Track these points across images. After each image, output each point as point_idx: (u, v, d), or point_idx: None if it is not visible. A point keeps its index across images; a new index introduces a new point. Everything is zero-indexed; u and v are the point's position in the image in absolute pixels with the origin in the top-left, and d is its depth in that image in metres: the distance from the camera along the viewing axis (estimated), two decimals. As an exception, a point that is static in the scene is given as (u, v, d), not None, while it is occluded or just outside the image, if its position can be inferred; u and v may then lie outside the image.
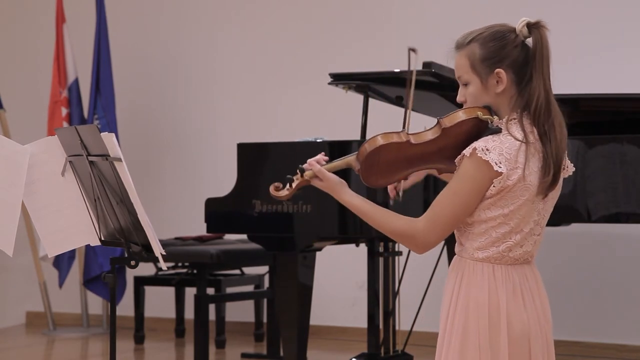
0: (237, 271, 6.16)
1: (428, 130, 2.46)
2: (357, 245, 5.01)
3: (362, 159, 2.47)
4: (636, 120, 4.27)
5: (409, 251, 4.55)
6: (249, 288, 6.22)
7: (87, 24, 6.92)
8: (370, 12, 6.46)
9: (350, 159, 2.51)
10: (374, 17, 6.44)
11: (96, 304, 6.94)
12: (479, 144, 2.35)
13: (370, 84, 4.55)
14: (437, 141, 2.44)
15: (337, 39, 6.51)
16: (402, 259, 4.85)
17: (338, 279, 6.32)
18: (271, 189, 2.54)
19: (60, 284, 6.80)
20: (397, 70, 4.49)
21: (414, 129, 2.49)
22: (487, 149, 2.34)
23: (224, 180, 5.76)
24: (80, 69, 6.85)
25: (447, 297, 2.47)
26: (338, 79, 4.51)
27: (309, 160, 2.52)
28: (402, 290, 4.97)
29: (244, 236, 4.77)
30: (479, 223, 2.39)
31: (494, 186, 2.34)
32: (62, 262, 6.74)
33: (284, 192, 2.53)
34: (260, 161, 4.44)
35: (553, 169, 2.36)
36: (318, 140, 4.42)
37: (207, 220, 4.50)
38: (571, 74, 5.72)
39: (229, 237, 6.03)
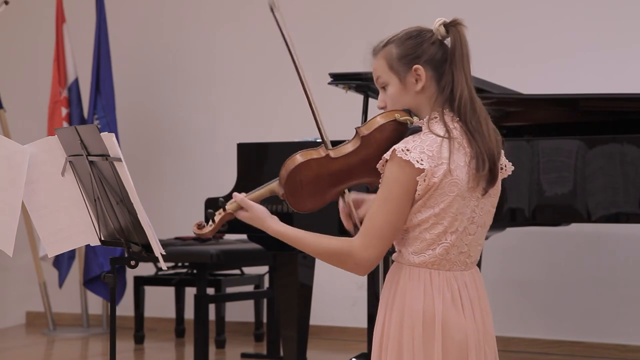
0: (237, 271, 6.16)
1: (348, 142, 2.38)
2: (357, 245, 5.00)
3: (284, 182, 2.37)
4: (636, 120, 4.27)
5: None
6: (249, 288, 6.21)
7: (87, 24, 6.92)
8: (370, 12, 6.46)
9: (272, 185, 2.42)
10: (374, 17, 6.43)
11: (96, 304, 6.93)
12: (398, 145, 2.27)
13: (370, 84, 4.54)
14: (359, 152, 2.35)
15: (337, 39, 6.50)
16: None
17: (338, 279, 6.31)
18: (194, 228, 2.47)
19: (60, 284, 6.79)
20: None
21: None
22: (408, 149, 2.25)
23: (224, 180, 5.76)
24: (80, 69, 6.85)
25: (383, 306, 2.37)
26: (338, 79, 4.51)
27: (234, 194, 2.44)
28: (402, 290, 4.96)
29: (244, 236, 4.77)
30: (413, 228, 2.30)
31: (419, 185, 2.25)
32: (62, 262, 6.74)
33: (208, 229, 2.46)
34: (260, 161, 4.44)
35: (488, 163, 2.28)
36: (318, 140, 4.42)
37: (207, 220, 4.49)
38: (571, 73, 5.73)
39: (229, 237, 6.03)
